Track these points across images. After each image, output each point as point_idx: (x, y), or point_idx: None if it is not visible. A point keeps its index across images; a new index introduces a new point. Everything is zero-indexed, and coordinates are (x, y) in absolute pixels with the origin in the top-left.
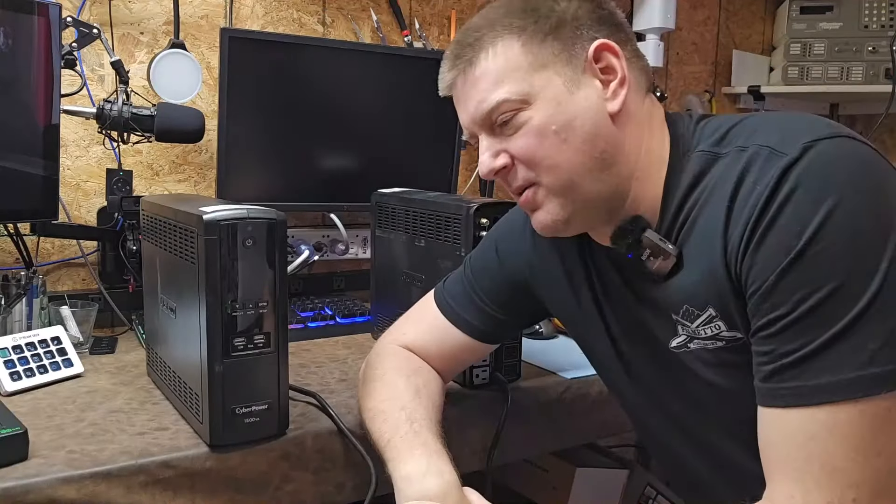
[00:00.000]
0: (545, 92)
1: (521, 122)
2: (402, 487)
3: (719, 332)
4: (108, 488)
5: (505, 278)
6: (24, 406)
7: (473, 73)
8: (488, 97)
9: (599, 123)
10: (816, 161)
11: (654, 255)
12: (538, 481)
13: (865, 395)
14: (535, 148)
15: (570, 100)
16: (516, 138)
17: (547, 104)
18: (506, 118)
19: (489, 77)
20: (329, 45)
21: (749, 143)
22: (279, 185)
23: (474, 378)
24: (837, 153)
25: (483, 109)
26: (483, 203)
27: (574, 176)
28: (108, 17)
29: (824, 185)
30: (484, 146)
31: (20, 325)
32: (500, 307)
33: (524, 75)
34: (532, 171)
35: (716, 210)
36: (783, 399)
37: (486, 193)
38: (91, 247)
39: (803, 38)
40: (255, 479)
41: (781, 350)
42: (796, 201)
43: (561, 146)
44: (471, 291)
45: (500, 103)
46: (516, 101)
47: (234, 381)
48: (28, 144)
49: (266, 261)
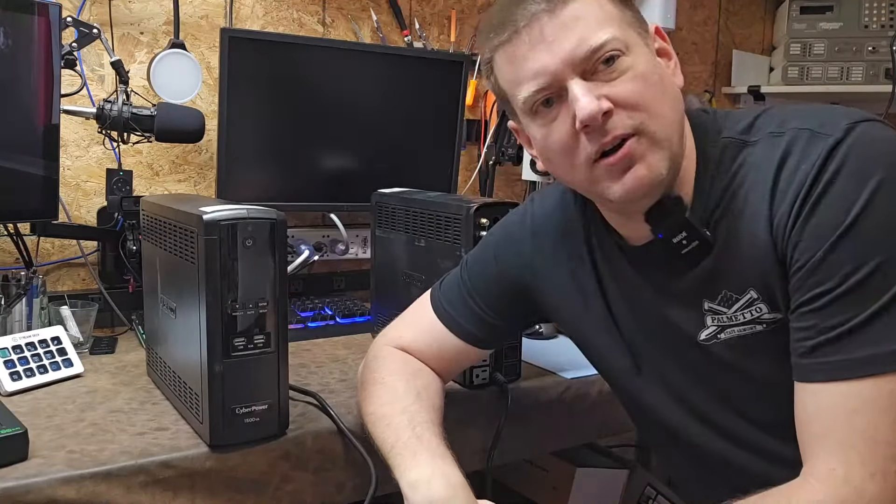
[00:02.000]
0: (637, 47)
1: (624, 66)
2: (409, 494)
3: (760, 315)
4: (108, 488)
5: (503, 284)
6: (24, 406)
7: (567, 12)
8: (594, 34)
9: (676, 93)
10: (860, 140)
11: (689, 239)
12: (538, 481)
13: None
14: (643, 92)
15: (655, 61)
16: (621, 82)
17: (643, 57)
18: (614, 55)
19: (590, 18)
20: (329, 45)
21: (784, 128)
22: (279, 185)
23: (474, 378)
24: (878, 134)
25: (588, 46)
26: (483, 203)
27: (673, 130)
28: (108, 17)
29: (870, 162)
30: (581, 90)
31: (20, 325)
32: (498, 313)
33: (621, 26)
34: (636, 118)
35: (755, 193)
36: (826, 373)
37: (486, 193)
38: (91, 247)
39: (803, 38)
40: (255, 479)
41: (825, 325)
42: (844, 178)
43: (663, 97)
44: (467, 297)
45: (609, 40)
46: (621, 44)
47: (234, 381)
48: (28, 144)
49: (266, 261)
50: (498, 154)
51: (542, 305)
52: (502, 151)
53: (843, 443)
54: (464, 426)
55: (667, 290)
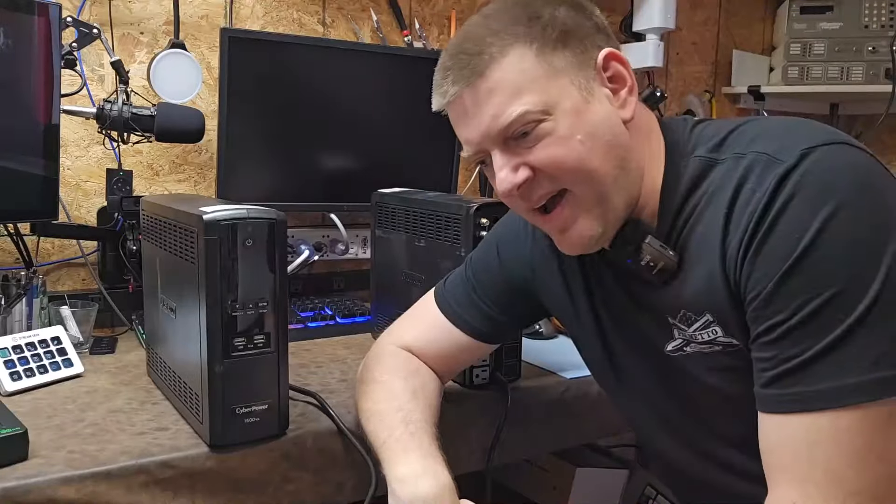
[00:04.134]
0: (564, 102)
1: (542, 133)
2: (395, 489)
3: (716, 338)
4: (108, 488)
5: (506, 280)
6: (24, 406)
7: (485, 85)
8: (506, 110)
9: (616, 131)
10: (814, 168)
11: (654, 261)
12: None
13: (868, 400)
14: (563, 156)
15: (588, 108)
16: (538, 150)
17: (567, 114)
18: (526, 130)
19: (504, 89)
20: (329, 45)
21: (747, 150)
22: (279, 185)
23: (474, 378)
24: (835, 160)
25: (501, 123)
26: (483, 203)
27: (605, 186)
28: (108, 17)
29: (822, 191)
30: (499, 162)
31: (20, 325)
32: (501, 308)
33: (542, 85)
34: (557, 181)
35: (714, 216)
36: (785, 405)
37: (486, 193)
38: (91, 247)
39: (803, 38)
40: (255, 479)
41: (782, 356)
42: (794, 207)
43: (587, 154)
44: (472, 292)
45: (521, 115)
46: (537, 113)
47: (234, 381)
48: (28, 144)
49: (266, 261)
50: None
51: (543, 301)
52: None
53: (802, 476)
54: (464, 426)
55: (640, 300)
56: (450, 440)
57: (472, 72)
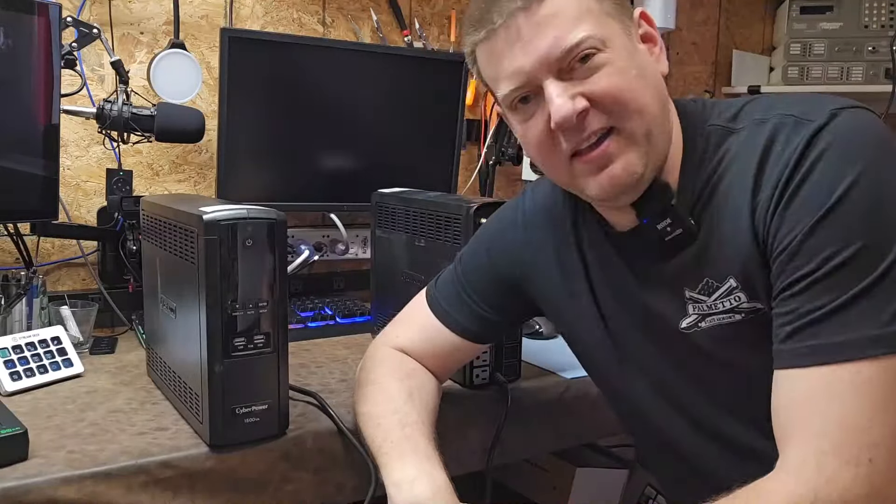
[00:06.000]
0: (616, 40)
1: (600, 62)
2: (392, 493)
3: (739, 304)
4: (108, 488)
5: (496, 278)
6: (24, 406)
7: (543, 10)
8: (569, 34)
9: (659, 80)
10: (845, 125)
11: (673, 226)
12: (538, 481)
13: (888, 352)
14: (621, 87)
15: (637, 51)
16: (598, 79)
17: (621, 50)
18: (589, 53)
19: (567, 14)
20: (329, 45)
21: (768, 115)
22: (279, 185)
23: (474, 378)
24: (864, 120)
25: (563, 45)
26: (483, 203)
27: (653, 125)
28: (108, 17)
29: (855, 147)
30: (556, 90)
31: (20, 325)
32: (492, 307)
33: (599, 19)
34: (612, 116)
35: (739, 180)
36: (804, 358)
37: (486, 193)
38: (91, 247)
39: (803, 38)
40: (255, 479)
41: (804, 308)
42: (827, 161)
43: (644, 90)
44: (462, 292)
45: (584, 38)
46: (597, 41)
47: (234, 381)
48: (28, 144)
49: (266, 261)
50: (498, 154)
51: (535, 298)
52: (502, 151)
53: (815, 432)
54: (464, 426)
55: (650, 277)
56: (450, 440)
57: None
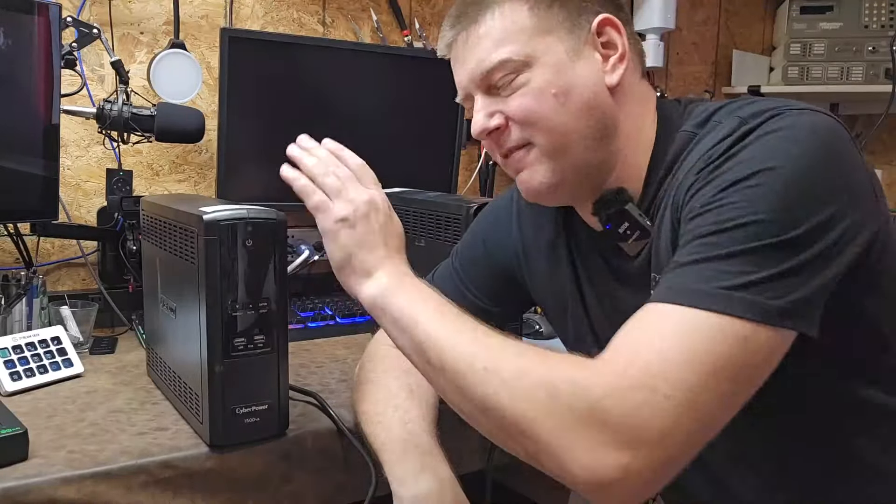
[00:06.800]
0: (546, 57)
1: (520, 83)
2: (397, 490)
3: None
4: (108, 488)
5: (492, 269)
6: (24, 406)
7: (476, 32)
8: (489, 56)
9: (598, 94)
10: (779, 122)
11: (632, 229)
12: (538, 481)
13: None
14: (532, 108)
15: (571, 67)
16: (514, 98)
17: (547, 68)
18: (506, 79)
19: (492, 36)
20: (329, 45)
21: (725, 118)
22: (279, 185)
23: None
24: (804, 119)
25: (483, 68)
26: (483, 203)
27: (568, 141)
28: (108, 17)
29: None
30: (479, 105)
31: (20, 325)
32: (491, 299)
33: (528, 38)
34: (526, 132)
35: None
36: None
37: (486, 193)
38: (91, 247)
39: (803, 38)
40: (255, 479)
41: (681, 259)
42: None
43: (559, 109)
44: (461, 286)
45: (501, 62)
46: (518, 62)
47: (234, 381)
48: (28, 144)
49: (266, 261)
50: None
51: (530, 288)
52: None
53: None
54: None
55: (621, 275)
56: (450, 440)
57: (469, 19)
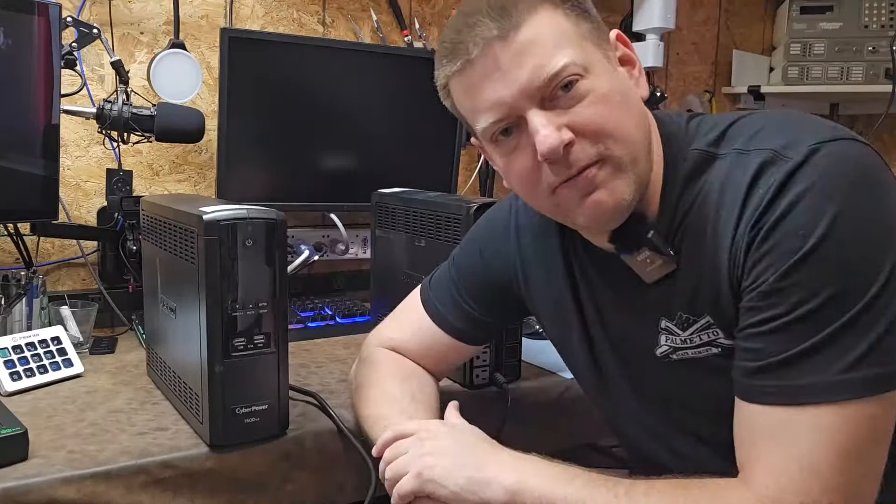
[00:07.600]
0: (598, 65)
1: (583, 90)
2: None
3: (715, 339)
4: (108, 488)
5: (491, 281)
6: (24, 406)
7: (520, 37)
8: (549, 62)
9: (640, 103)
10: (821, 164)
11: (653, 258)
12: None
13: (849, 398)
14: (606, 116)
15: (617, 76)
16: (582, 108)
17: (603, 76)
18: (572, 81)
19: (546, 40)
20: (329, 45)
21: (750, 146)
22: (279, 185)
23: (474, 378)
24: (841, 156)
25: (544, 74)
26: (483, 203)
27: (637, 151)
28: (108, 17)
29: (829, 189)
30: (541, 121)
31: (20, 325)
32: (486, 310)
33: (578, 43)
34: (600, 144)
35: (721, 216)
36: (769, 396)
37: (486, 193)
38: (91, 247)
39: (803, 38)
40: (255, 479)
41: (771, 349)
42: (802, 205)
43: (628, 116)
44: (456, 294)
45: (566, 65)
46: (579, 67)
47: (234, 381)
48: (28, 144)
49: (266, 261)
50: None
51: (526, 301)
52: None
53: (778, 467)
54: None
55: (629, 300)
56: None
57: (506, 25)
